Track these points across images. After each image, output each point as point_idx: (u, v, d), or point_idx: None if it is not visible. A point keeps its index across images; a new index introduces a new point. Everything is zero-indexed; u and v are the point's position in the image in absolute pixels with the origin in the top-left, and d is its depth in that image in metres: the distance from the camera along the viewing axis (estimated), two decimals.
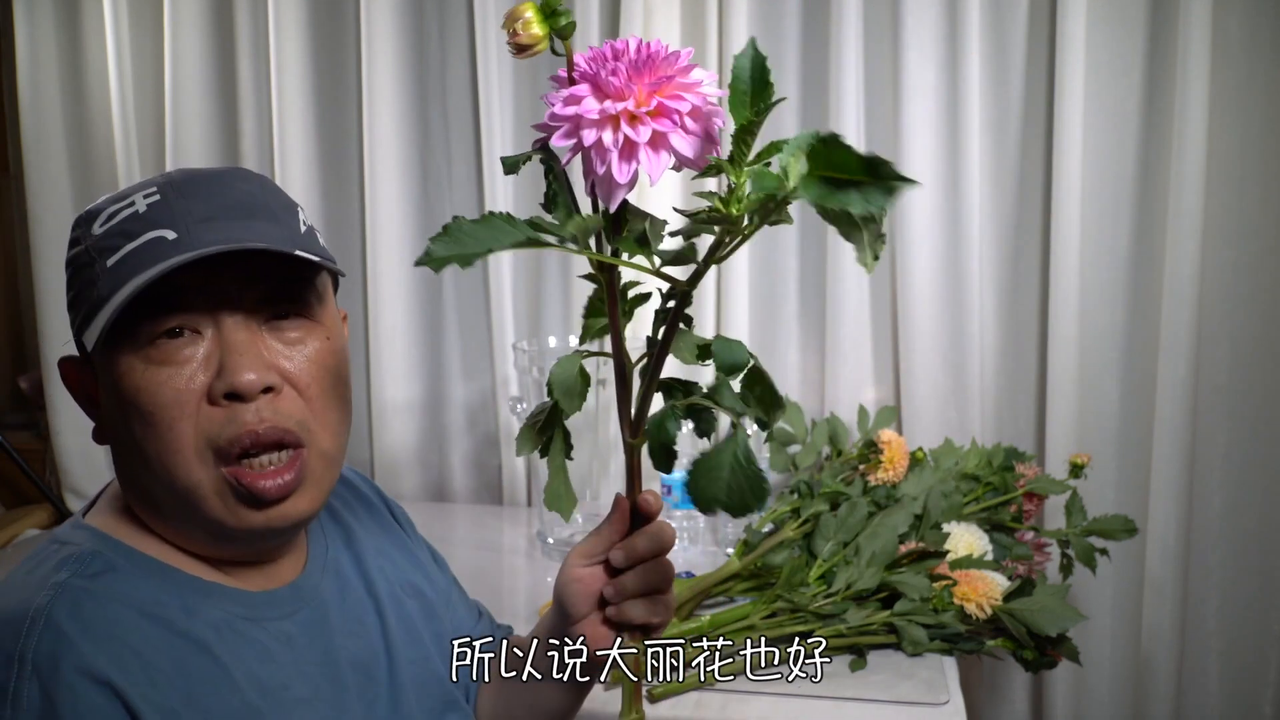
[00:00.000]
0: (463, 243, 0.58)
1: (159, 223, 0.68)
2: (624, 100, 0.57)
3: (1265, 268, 1.59)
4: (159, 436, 0.68)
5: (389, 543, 0.90)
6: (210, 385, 0.68)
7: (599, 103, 0.58)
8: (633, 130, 0.57)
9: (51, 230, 1.96)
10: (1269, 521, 1.65)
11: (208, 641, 0.68)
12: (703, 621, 1.21)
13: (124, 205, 0.70)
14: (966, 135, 1.59)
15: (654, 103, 0.57)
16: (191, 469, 0.68)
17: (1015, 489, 1.39)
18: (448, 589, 0.95)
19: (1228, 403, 1.63)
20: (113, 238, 0.69)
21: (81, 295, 0.70)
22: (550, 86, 0.62)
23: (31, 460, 1.98)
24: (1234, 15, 1.54)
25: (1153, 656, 1.64)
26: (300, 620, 0.75)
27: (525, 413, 1.54)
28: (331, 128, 1.85)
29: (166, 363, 0.68)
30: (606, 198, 0.59)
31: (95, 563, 0.68)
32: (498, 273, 1.76)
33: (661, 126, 0.57)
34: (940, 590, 1.20)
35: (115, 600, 0.66)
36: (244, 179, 0.74)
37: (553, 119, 0.59)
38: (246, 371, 0.68)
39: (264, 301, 0.70)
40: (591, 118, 0.58)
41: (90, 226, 0.70)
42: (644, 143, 0.57)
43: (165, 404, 0.67)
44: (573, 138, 0.58)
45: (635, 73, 0.57)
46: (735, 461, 0.66)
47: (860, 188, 0.50)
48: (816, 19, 1.66)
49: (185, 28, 1.85)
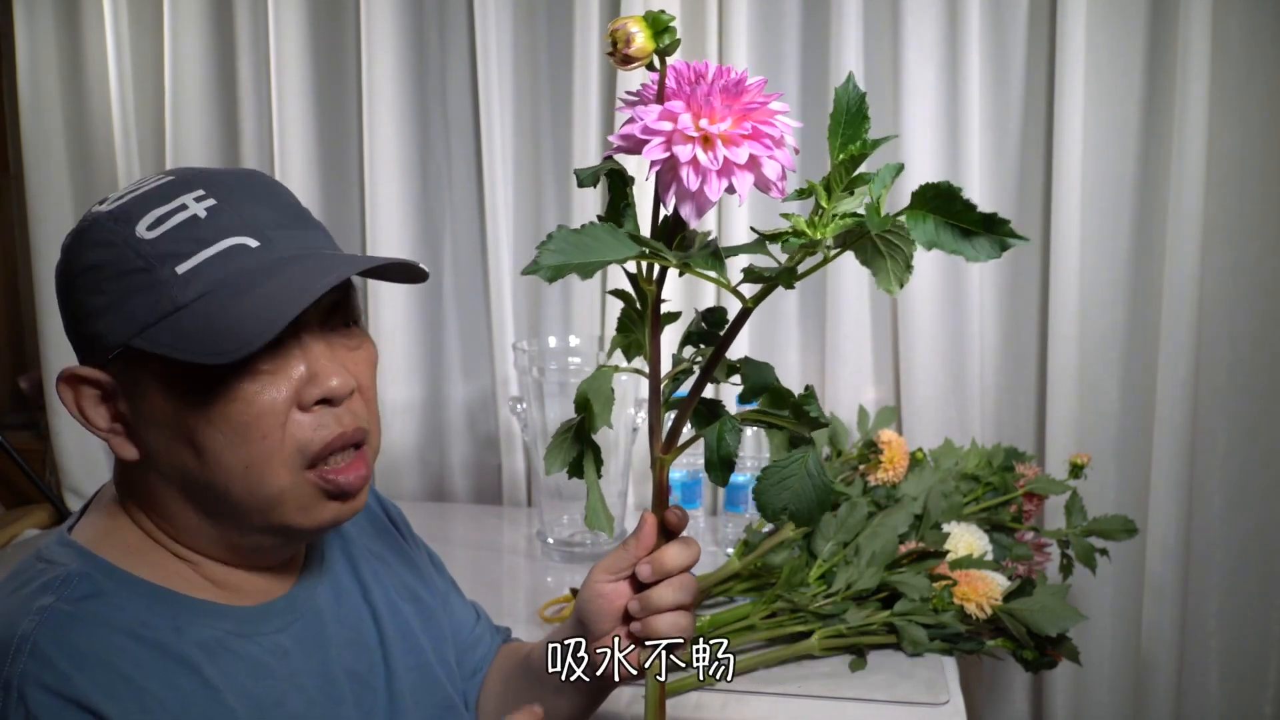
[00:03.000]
0: (577, 252, 0.58)
1: (231, 229, 0.67)
2: (721, 121, 0.59)
3: (1265, 268, 1.59)
4: (250, 446, 0.67)
5: (385, 547, 0.90)
6: (300, 392, 0.69)
7: (697, 119, 0.59)
8: (729, 151, 0.59)
9: (51, 230, 1.96)
10: (1269, 521, 1.65)
11: (198, 662, 0.67)
12: (703, 621, 1.20)
13: (173, 208, 0.67)
14: (966, 135, 1.59)
15: (748, 126, 0.59)
16: (279, 477, 0.68)
17: (1015, 489, 1.39)
18: (446, 592, 0.95)
19: (1228, 403, 1.63)
20: (178, 243, 0.66)
21: (127, 301, 0.66)
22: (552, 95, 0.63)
23: (31, 460, 1.98)
24: (1234, 15, 1.54)
25: (1153, 656, 1.64)
26: (295, 632, 0.75)
27: (525, 413, 1.55)
28: (331, 128, 1.85)
29: (257, 374, 0.67)
30: (693, 213, 0.60)
31: (82, 585, 0.66)
32: (498, 273, 1.76)
33: (756, 150, 0.59)
34: (940, 590, 1.20)
35: (102, 624, 0.65)
36: (272, 180, 0.75)
37: (646, 132, 0.60)
38: (335, 377, 0.69)
39: (331, 309, 0.72)
40: (689, 134, 0.59)
41: (131, 228, 0.67)
42: (741, 164, 0.59)
43: (261, 414, 0.67)
44: (666, 152, 0.59)
45: (728, 96, 0.59)
46: (806, 473, 0.68)
47: (973, 238, 0.54)
48: (816, 19, 1.66)
49: (185, 28, 1.85)
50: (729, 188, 0.60)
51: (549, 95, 1.77)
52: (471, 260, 1.82)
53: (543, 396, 1.48)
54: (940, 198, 0.55)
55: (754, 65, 1.67)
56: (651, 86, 0.63)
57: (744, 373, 0.71)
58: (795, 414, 0.70)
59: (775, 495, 0.69)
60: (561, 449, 0.75)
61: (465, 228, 1.82)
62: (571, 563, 1.51)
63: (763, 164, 0.60)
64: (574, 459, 0.75)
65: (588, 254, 0.58)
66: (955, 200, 0.54)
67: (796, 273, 0.62)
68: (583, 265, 0.57)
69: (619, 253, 0.59)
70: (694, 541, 0.78)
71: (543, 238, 0.59)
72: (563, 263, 0.57)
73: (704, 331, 0.75)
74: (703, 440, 0.73)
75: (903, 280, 0.58)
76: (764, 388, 0.71)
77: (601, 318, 1.74)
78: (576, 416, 0.74)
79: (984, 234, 0.54)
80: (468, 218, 1.81)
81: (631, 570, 0.76)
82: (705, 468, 0.72)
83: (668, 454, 0.72)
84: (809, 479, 0.68)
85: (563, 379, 1.49)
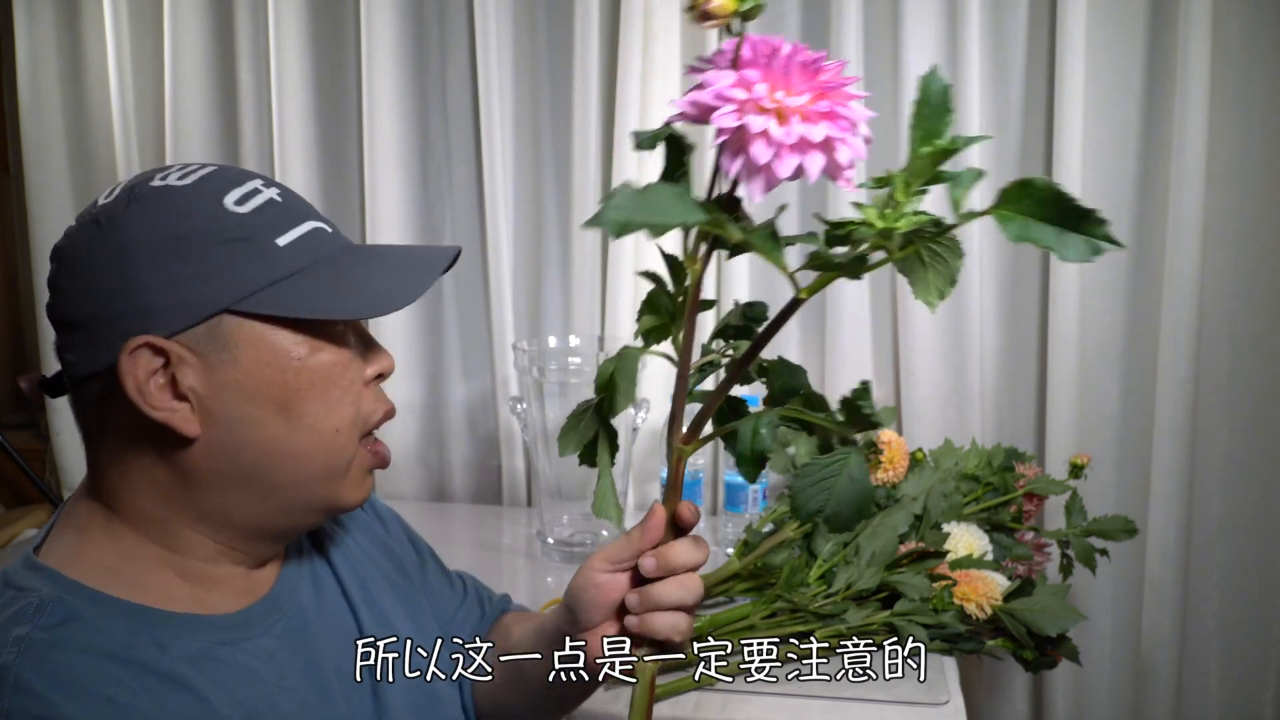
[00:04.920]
0: (642, 211, 0.54)
1: (306, 214, 0.72)
2: (800, 96, 0.56)
3: (1265, 268, 1.59)
4: (339, 410, 0.71)
5: (361, 534, 0.89)
6: (364, 367, 0.74)
7: (772, 91, 0.56)
8: (806, 127, 0.56)
9: (51, 230, 1.96)
10: (1269, 521, 1.65)
11: (186, 677, 0.66)
12: (703, 621, 1.20)
13: (249, 190, 0.70)
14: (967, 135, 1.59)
15: (825, 106, 0.56)
16: (351, 444, 0.72)
17: (1015, 489, 1.39)
18: (422, 570, 0.94)
19: (1228, 403, 1.63)
20: (272, 218, 0.69)
21: (237, 268, 0.67)
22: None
23: (31, 460, 1.98)
24: (1234, 15, 1.54)
25: (1153, 656, 1.64)
26: (279, 633, 0.74)
27: (525, 413, 1.55)
28: (331, 128, 1.85)
29: (334, 344, 0.71)
30: (757, 189, 0.57)
31: (56, 611, 0.64)
32: (498, 273, 1.76)
33: (832, 131, 0.56)
34: (940, 590, 1.20)
35: (83, 650, 0.63)
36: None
37: (719, 98, 0.56)
38: (388, 357, 0.76)
39: None
40: (765, 105, 0.56)
41: (220, 202, 0.68)
42: (816, 142, 0.56)
43: (353, 380, 0.72)
44: (738, 120, 0.56)
45: (806, 72, 0.57)
46: (848, 475, 0.65)
47: (1066, 237, 0.52)
48: (816, 19, 1.66)
49: (185, 28, 1.85)
50: (798, 168, 0.56)
51: (549, 95, 1.77)
52: (471, 260, 1.82)
53: (543, 396, 1.48)
54: (1038, 200, 0.52)
55: None
56: (724, 53, 0.60)
57: (775, 372, 0.68)
58: (848, 411, 0.65)
59: (812, 496, 0.65)
60: (576, 430, 0.73)
61: (465, 228, 1.82)
62: (571, 563, 1.51)
63: (836, 147, 0.56)
64: (589, 441, 0.72)
65: (653, 214, 0.54)
66: (1057, 194, 0.52)
67: (866, 262, 0.57)
68: (651, 224, 0.54)
69: (685, 216, 0.55)
70: (704, 541, 0.74)
71: (542, 238, 0.57)
72: (628, 220, 0.53)
73: (742, 326, 0.72)
74: (719, 437, 0.70)
75: (944, 293, 0.56)
76: (794, 391, 0.67)
77: (601, 318, 1.74)
78: (595, 397, 0.72)
79: (1079, 234, 0.52)
80: (468, 218, 1.81)
81: (634, 562, 0.73)
82: (737, 462, 0.68)
83: (689, 444, 0.69)
84: (851, 483, 0.64)
85: (563, 379, 1.49)
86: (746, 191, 0.57)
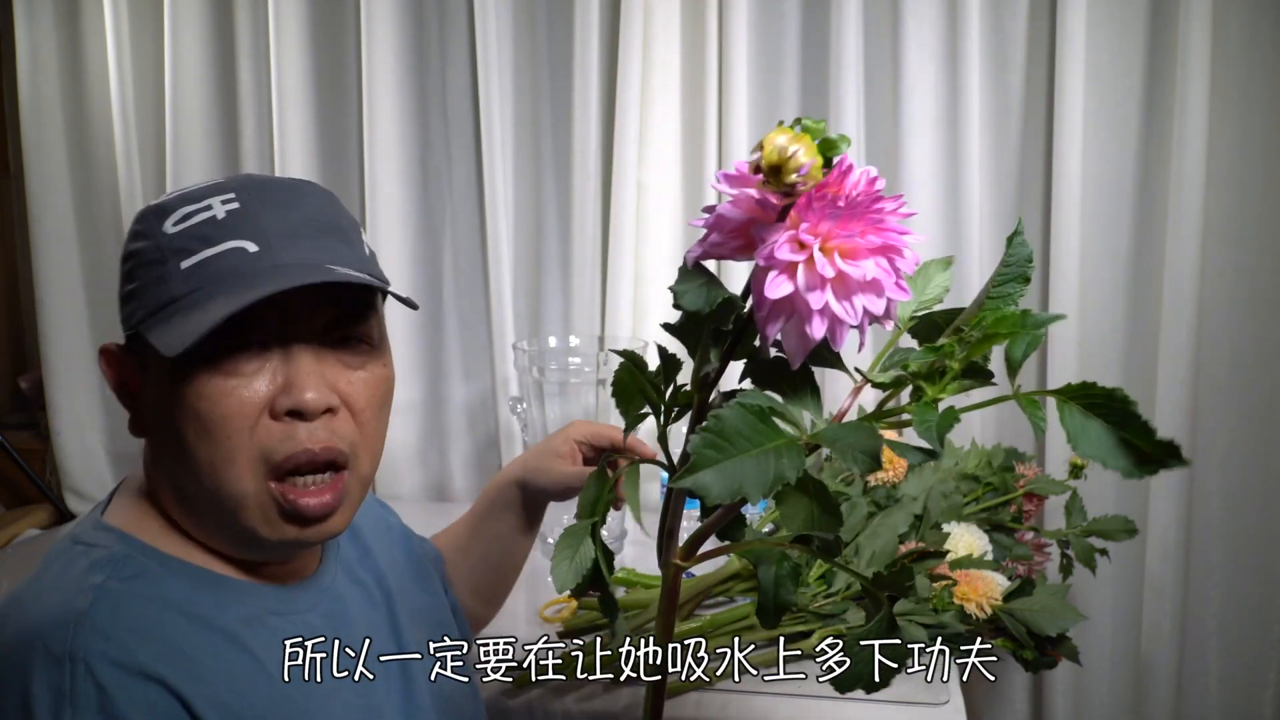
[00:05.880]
0: (737, 470, 0.51)
1: (239, 233, 0.69)
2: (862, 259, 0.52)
3: (1265, 268, 1.59)
4: (215, 444, 0.68)
5: (378, 526, 0.93)
6: (274, 400, 0.69)
7: (831, 256, 0.52)
8: (868, 299, 0.52)
9: (51, 230, 1.96)
10: (1269, 521, 1.65)
11: (242, 637, 0.69)
12: (703, 621, 1.20)
13: (200, 208, 0.70)
14: (966, 135, 1.59)
15: (886, 264, 0.52)
16: (242, 479, 0.69)
17: (1015, 489, 1.39)
18: (419, 548, 1.00)
19: (1227, 403, 1.63)
20: (189, 240, 0.69)
21: (144, 290, 0.69)
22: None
23: (31, 460, 1.98)
24: (1234, 15, 1.54)
25: (1153, 656, 1.64)
26: (323, 612, 0.77)
27: (525, 413, 1.55)
28: (331, 128, 1.84)
29: (233, 374, 0.68)
30: (797, 357, 0.54)
31: (128, 565, 0.69)
32: (498, 273, 1.76)
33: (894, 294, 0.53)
34: (940, 590, 1.20)
35: (153, 601, 0.67)
36: (314, 192, 0.75)
37: (769, 260, 0.52)
38: (310, 390, 0.69)
39: (332, 324, 0.72)
40: (825, 274, 0.52)
41: (161, 223, 0.70)
42: (879, 314, 0.52)
43: (228, 414, 0.68)
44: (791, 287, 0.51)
45: (861, 218, 0.52)
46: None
47: (1127, 454, 0.49)
48: (816, 19, 1.66)
49: (185, 28, 1.85)
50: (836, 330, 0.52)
51: (549, 95, 1.77)
52: (471, 260, 1.82)
53: (543, 396, 1.48)
54: (1114, 410, 0.49)
55: (754, 65, 1.67)
56: (750, 174, 0.53)
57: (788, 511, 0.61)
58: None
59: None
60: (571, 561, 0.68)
61: (465, 228, 1.82)
62: None
63: (891, 310, 0.53)
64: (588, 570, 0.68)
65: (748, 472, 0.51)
66: (1133, 418, 0.49)
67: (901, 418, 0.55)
68: (756, 485, 0.51)
69: (770, 440, 0.52)
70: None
71: (542, 238, 0.56)
72: (725, 492, 0.50)
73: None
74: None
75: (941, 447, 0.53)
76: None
77: (601, 318, 1.74)
78: (588, 519, 0.69)
79: (1148, 458, 0.48)
80: (468, 218, 1.81)
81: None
82: (756, 612, 0.66)
83: (688, 560, 0.65)
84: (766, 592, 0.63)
85: (563, 379, 1.49)
86: (785, 352, 0.55)
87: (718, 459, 0.51)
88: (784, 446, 0.53)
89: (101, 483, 1.99)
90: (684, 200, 1.73)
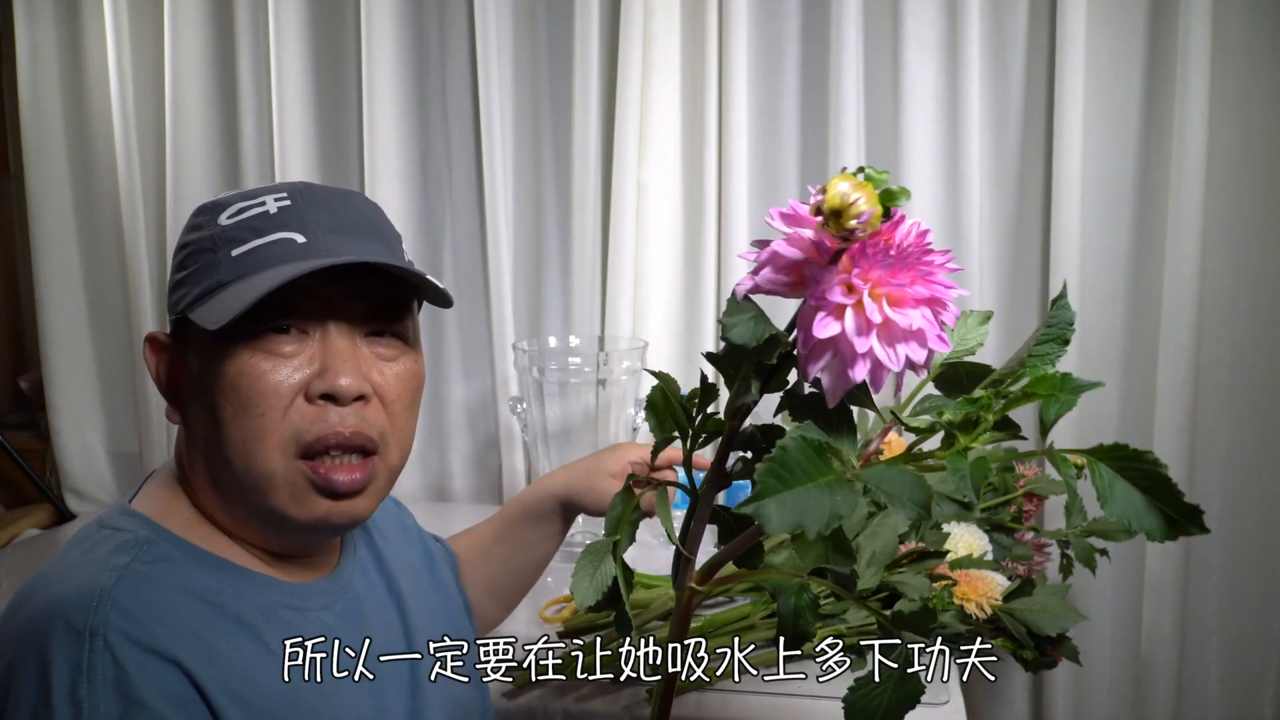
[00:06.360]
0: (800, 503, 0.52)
1: (289, 225, 0.73)
2: (912, 308, 0.53)
3: (1265, 268, 1.59)
4: (248, 421, 0.71)
5: (396, 528, 0.95)
6: (309, 383, 0.72)
7: (880, 304, 0.53)
8: (910, 348, 0.53)
9: (51, 230, 1.96)
10: (1269, 521, 1.65)
11: (256, 625, 0.71)
12: (703, 621, 1.20)
13: (254, 204, 0.74)
14: (966, 135, 1.59)
15: (930, 315, 0.53)
16: (271, 459, 0.71)
17: (1015, 489, 1.39)
18: (434, 548, 1.01)
19: (1228, 403, 1.63)
20: (241, 230, 0.72)
21: (194, 275, 0.73)
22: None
23: (31, 460, 1.98)
24: (1234, 15, 1.54)
25: (1153, 656, 1.64)
26: (337, 611, 0.79)
27: (525, 413, 1.55)
28: (331, 128, 1.85)
29: (273, 354, 0.71)
30: (834, 397, 0.55)
31: (153, 549, 0.71)
32: (498, 273, 1.76)
33: (936, 345, 0.54)
34: (940, 590, 1.20)
35: (174, 586, 0.69)
36: (364, 201, 0.79)
37: (819, 300, 0.52)
38: (345, 376, 0.72)
39: (368, 316, 0.75)
40: (873, 319, 0.52)
41: (217, 216, 0.74)
42: (920, 363, 0.53)
43: (264, 392, 0.71)
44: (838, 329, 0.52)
45: (910, 268, 0.53)
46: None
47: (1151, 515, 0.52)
48: (816, 19, 1.66)
49: (185, 28, 1.85)
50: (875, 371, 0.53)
51: (549, 95, 1.77)
52: (471, 260, 1.82)
53: (543, 396, 1.48)
54: (1143, 473, 0.52)
55: (754, 65, 1.67)
56: (808, 214, 0.54)
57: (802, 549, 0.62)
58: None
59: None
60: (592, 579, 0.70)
61: (465, 228, 1.82)
62: (571, 563, 1.50)
63: (929, 360, 0.54)
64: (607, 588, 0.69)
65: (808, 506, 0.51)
66: (1162, 481, 0.52)
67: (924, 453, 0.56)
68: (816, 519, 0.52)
69: (825, 475, 0.53)
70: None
71: (542, 238, 0.56)
72: (791, 525, 0.51)
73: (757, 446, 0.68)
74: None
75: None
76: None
77: (601, 318, 1.74)
78: (610, 537, 0.70)
79: (1175, 526, 0.51)
80: (468, 218, 1.81)
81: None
82: (776, 637, 0.67)
83: (704, 584, 0.66)
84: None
85: (563, 379, 1.49)
86: (824, 390, 0.55)
87: (780, 489, 0.52)
88: (835, 482, 0.54)
89: (101, 483, 1.99)
90: (684, 200, 1.73)
